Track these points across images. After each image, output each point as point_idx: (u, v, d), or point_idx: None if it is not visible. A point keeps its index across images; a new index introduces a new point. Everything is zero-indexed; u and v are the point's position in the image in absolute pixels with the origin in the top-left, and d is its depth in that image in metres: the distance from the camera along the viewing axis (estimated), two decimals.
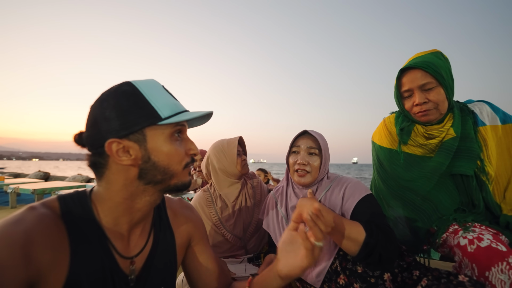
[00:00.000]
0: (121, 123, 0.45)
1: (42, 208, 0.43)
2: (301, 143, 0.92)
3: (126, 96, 0.46)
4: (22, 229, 0.38)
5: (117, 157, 0.45)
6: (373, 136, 1.16)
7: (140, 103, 0.46)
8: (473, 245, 0.72)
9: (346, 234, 0.69)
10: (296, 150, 0.93)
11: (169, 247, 0.59)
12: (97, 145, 0.46)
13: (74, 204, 0.47)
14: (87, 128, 0.47)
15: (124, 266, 0.50)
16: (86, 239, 0.46)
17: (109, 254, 0.48)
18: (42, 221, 0.41)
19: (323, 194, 0.88)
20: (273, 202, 1.03)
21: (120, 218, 0.49)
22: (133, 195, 0.49)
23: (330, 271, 0.78)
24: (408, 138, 0.99)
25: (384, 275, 0.73)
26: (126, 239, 0.51)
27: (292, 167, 0.93)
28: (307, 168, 0.89)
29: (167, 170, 0.49)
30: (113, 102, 0.46)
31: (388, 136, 1.07)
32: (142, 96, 0.47)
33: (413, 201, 0.95)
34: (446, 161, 0.90)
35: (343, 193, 0.84)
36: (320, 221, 0.58)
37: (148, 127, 0.47)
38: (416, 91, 0.91)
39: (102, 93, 0.48)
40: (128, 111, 0.45)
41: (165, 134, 0.48)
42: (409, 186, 0.97)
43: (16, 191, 3.66)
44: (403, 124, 1.00)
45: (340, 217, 0.71)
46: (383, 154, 1.07)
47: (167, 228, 0.61)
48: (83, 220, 0.46)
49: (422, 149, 0.98)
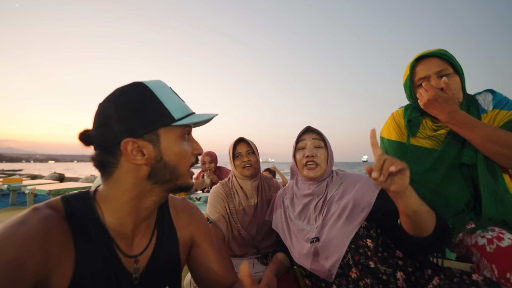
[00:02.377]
0: (137, 123, 0.46)
1: (46, 209, 0.43)
2: (306, 138, 0.94)
3: (140, 97, 0.47)
4: (27, 229, 0.38)
5: (131, 156, 0.46)
6: (382, 131, 1.14)
7: (154, 104, 0.47)
8: (492, 245, 0.69)
9: (422, 204, 0.62)
10: (302, 145, 0.94)
11: (173, 245, 0.60)
12: (110, 144, 0.46)
13: (77, 205, 0.48)
14: (98, 127, 0.47)
15: (128, 264, 0.50)
16: (90, 239, 0.46)
17: (113, 253, 0.48)
18: (46, 222, 0.41)
19: (335, 190, 0.88)
20: (281, 202, 1.03)
21: (126, 218, 0.50)
22: (140, 195, 0.49)
23: (342, 264, 0.77)
24: (417, 129, 0.97)
25: (397, 273, 0.72)
26: (130, 238, 0.52)
27: (300, 162, 0.93)
28: (316, 160, 0.89)
29: (175, 170, 0.51)
30: (128, 102, 0.46)
31: (396, 129, 1.05)
32: (156, 97, 0.48)
33: (423, 195, 0.92)
34: (452, 151, 0.88)
35: (356, 188, 0.84)
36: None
37: (162, 128, 0.48)
38: (433, 76, 0.89)
39: (114, 92, 0.48)
40: (143, 112, 0.46)
41: (176, 135, 0.50)
42: (418, 180, 0.94)
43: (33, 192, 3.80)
44: (412, 115, 0.98)
45: None
46: (392, 148, 1.05)
47: (170, 227, 0.61)
48: (87, 220, 0.47)
49: (431, 140, 0.95)
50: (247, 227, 1.19)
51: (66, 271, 0.41)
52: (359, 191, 0.83)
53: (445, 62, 0.87)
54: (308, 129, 0.96)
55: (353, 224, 0.79)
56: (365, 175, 0.88)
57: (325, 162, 0.91)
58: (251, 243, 1.18)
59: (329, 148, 0.92)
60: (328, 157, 0.91)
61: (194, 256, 0.66)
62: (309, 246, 0.84)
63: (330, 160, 0.92)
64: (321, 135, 0.94)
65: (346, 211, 0.81)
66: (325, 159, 0.90)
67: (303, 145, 0.93)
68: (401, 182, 0.58)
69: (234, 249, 1.19)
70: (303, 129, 0.96)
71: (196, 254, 0.65)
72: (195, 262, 0.66)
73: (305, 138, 0.94)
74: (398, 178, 0.58)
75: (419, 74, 0.92)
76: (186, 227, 0.64)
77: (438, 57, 0.88)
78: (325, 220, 0.84)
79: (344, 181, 0.90)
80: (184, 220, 0.65)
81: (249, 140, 1.25)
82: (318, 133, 0.94)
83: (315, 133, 0.94)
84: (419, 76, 0.92)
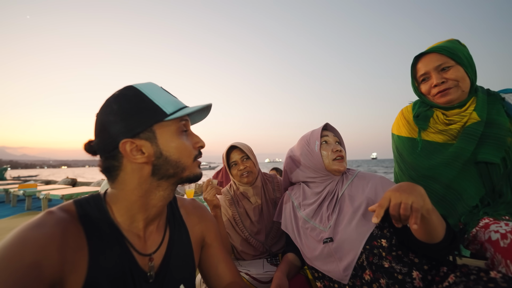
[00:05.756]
0: (130, 123, 0.47)
1: (60, 212, 0.45)
2: (328, 134, 0.97)
3: (129, 97, 0.49)
4: (43, 232, 0.39)
5: (131, 156, 0.47)
6: (392, 127, 1.13)
7: (144, 103, 0.49)
8: (506, 240, 0.67)
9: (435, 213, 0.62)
10: (326, 140, 0.96)
11: (185, 243, 0.61)
12: (110, 148, 0.48)
13: (90, 207, 0.49)
14: (97, 135, 0.49)
15: (142, 263, 0.51)
16: (104, 239, 0.47)
17: (128, 252, 0.49)
18: (61, 224, 0.42)
19: (346, 188, 0.88)
20: (290, 201, 1.02)
21: (136, 216, 0.52)
22: (147, 192, 0.51)
23: (356, 266, 0.76)
24: (426, 123, 0.96)
25: (412, 272, 0.70)
26: (142, 237, 0.53)
27: (327, 157, 0.92)
28: (343, 154, 0.93)
29: (178, 164, 0.52)
30: (119, 105, 0.48)
31: (406, 125, 1.04)
32: (145, 96, 0.49)
33: (435, 190, 0.91)
34: (469, 146, 0.86)
35: (369, 187, 0.84)
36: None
37: (156, 124, 0.49)
38: (433, 72, 0.90)
39: (107, 99, 0.50)
40: (135, 111, 0.48)
41: (172, 130, 0.51)
42: (430, 175, 0.93)
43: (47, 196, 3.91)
44: (419, 110, 0.98)
45: None
46: (402, 144, 1.04)
47: (182, 225, 0.62)
48: (100, 222, 0.48)
49: (443, 135, 0.93)
50: (256, 234, 1.17)
51: (80, 272, 0.43)
52: (372, 190, 0.83)
53: (444, 56, 0.88)
54: (327, 125, 1.00)
55: (367, 224, 0.78)
56: (376, 174, 0.87)
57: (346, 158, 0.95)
58: (262, 249, 1.17)
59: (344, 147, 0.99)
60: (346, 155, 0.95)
61: (204, 256, 0.67)
62: (322, 246, 0.83)
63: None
64: (337, 133, 0.99)
65: (360, 210, 0.80)
66: (345, 155, 0.95)
67: (327, 140, 0.96)
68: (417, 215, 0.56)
69: (245, 257, 1.17)
70: (323, 125, 0.99)
71: (207, 255, 0.66)
72: (205, 262, 0.66)
73: (327, 134, 0.97)
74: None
75: (419, 71, 0.94)
76: (197, 227, 0.65)
77: (436, 52, 0.89)
78: (339, 220, 0.84)
79: (355, 179, 0.90)
80: (195, 219, 0.66)
81: (242, 145, 1.20)
82: (335, 130, 0.99)
83: (332, 132, 0.99)
84: (420, 73, 0.94)
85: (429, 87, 0.92)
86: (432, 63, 0.90)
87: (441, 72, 0.89)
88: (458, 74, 0.87)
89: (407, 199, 0.56)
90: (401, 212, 0.57)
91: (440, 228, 0.63)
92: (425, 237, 0.65)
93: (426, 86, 0.94)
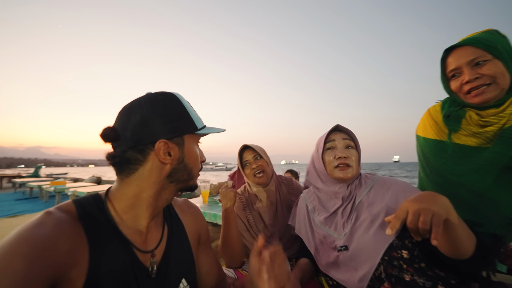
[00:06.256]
0: (171, 127, 0.52)
1: (58, 212, 0.45)
2: (335, 138, 0.89)
3: (174, 105, 0.54)
4: (42, 232, 0.40)
5: (162, 156, 0.51)
6: (417, 129, 1.03)
7: (183, 113, 0.55)
8: None
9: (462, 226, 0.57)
10: (331, 146, 0.89)
11: (183, 239, 0.64)
12: (144, 142, 0.50)
13: (90, 206, 0.50)
14: (134, 125, 0.50)
15: (144, 259, 0.53)
16: (104, 238, 0.48)
17: (129, 250, 0.50)
18: (59, 224, 0.43)
19: (364, 194, 0.82)
20: (304, 205, 0.98)
21: (142, 214, 0.53)
22: (158, 192, 0.54)
23: (373, 277, 0.71)
24: (458, 125, 0.85)
25: (437, 287, 0.64)
26: (144, 234, 0.55)
27: (330, 164, 0.88)
28: (348, 162, 0.85)
29: (191, 172, 0.57)
30: (165, 108, 0.53)
31: (433, 126, 0.94)
32: (184, 107, 0.56)
33: (465, 199, 0.82)
34: (507, 151, 0.76)
35: (390, 194, 0.77)
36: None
37: (187, 134, 0.55)
38: (465, 68, 0.79)
39: (148, 97, 0.54)
40: (176, 118, 0.54)
41: (195, 142, 0.58)
42: (460, 182, 0.84)
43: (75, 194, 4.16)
44: (450, 109, 0.88)
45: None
46: (428, 147, 0.95)
47: (179, 223, 0.66)
48: (100, 220, 0.49)
49: (477, 138, 0.83)
50: (269, 238, 1.15)
51: (81, 271, 0.43)
52: (392, 197, 0.77)
53: (480, 49, 0.77)
54: (337, 128, 0.91)
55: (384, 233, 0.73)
56: (398, 179, 0.81)
57: (357, 163, 0.86)
58: None
59: (359, 149, 0.88)
60: (359, 159, 0.87)
61: (197, 253, 0.69)
62: (336, 254, 0.79)
63: (360, 162, 0.87)
64: (351, 134, 0.88)
65: (379, 219, 0.75)
66: (356, 160, 0.86)
67: (333, 145, 0.89)
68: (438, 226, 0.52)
69: None
70: (331, 128, 0.91)
71: (199, 252, 0.70)
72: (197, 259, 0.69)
73: (334, 138, 0.89)
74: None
75: (450, 66, 0.84)
76: (192, 224, 0.68)
77: (470, 45, 0.78)
78: (354, 227, 0.79)
79: (375, 185, 0.83)
80: (190, 217, 0.69)
81: (254, 145, 1.20)
82: (348, 132, 0.89)
83: (345, 133, 0.89)
84: (450, 68, 0.84)
85: (460, 84, 0.82)
86: (464, 57, 0.79)
87: (475, 68, 0.78)
88: (496, 69, 0.76)
89: (427, 212, 0.52)
90: (419, 226, 0.53)
91: (469, 243, 0.58)
92: (451, 252, 0.60)
93: (456, 83, 0.83)
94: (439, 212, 0.52)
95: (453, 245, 0.58)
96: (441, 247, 0.61)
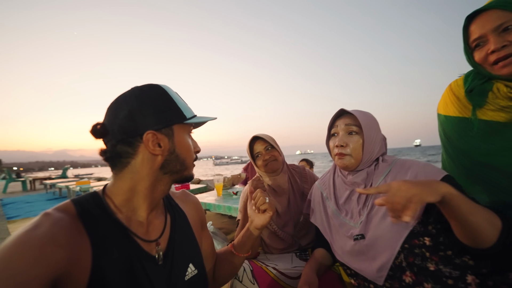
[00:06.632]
0: (158, 118, 0.52)
1: (56, 212, 0.46)
2: (339, 123, 0.83)
3: (160, 96, 0.54)
4: (39, 232, 0.41)
5: (151, 147, 0.52)
6: (438, 106, 0.94)
7: (171, 104, 0.55)
8: None
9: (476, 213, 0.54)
10: (334, 132, 0.84)
11: (186, 226, 0.66)
12: (132, 134, 0.51)
13: (88, 204, 0.51)
14: (121, 119, 0.51)
15: (149, 249, 0.54)
16: (105, 232, 0.49)
17: (132, 242, 0.51)
18: (57, 224, 0.43)
19: (382, 180, 0.76)
20: (319, 193, 0.95)
21: (140, 206, 0.55)
22: (153, 184, 0.55)
23: (393, 266, 0.67)
24: (484, 99, 0.76)
25: (466, 276, 0.59)
26: (145, 225, 0.56)
27: (332, 151, 0.84)
28: (345, 151, 0.79)
29: (184, 162, 0.57)
30: (151, 100, 0.53)
31: (455, 102, 0.85)
32: (171, 98, 0.56)
33: (495, 181, 0.74)
34: None
35: (409, 176, 0.71)
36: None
37: (176, 124, 0.55)
38: (491, 35, 0.69)
39: (134, 90, 0.54)
40: (163, 109, 0.54)
41: (185, 132, 0.58)
42: (488, 162, 0.75)
43: None
44: (474, 82, 0.78)
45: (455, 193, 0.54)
46: (450, 126, 0.86)
47: (180, 211, 0.67)
48: (100, 216, 0.50)
49: (506, 113, 0.73)
50: (283, 226, 1.14)
51: (84, 268, 0.44)
52: (411, 179, 0.70)
53: (509, 11, 0.66)
54: (341, 112, 0.84)
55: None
56: (419, 161, 0.74)
57: (359, 151, 0.78)
58: (291, 241, 1.13)
59: (367, 133, 0.78)
60: (364, 145, 0.78)
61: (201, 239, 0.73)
62: (352, 243, 0.75)
63: (367, 147, 0.78)
64: (357, 119, 0.80)
65: None
66: (358, 147, 0.78)
67: (336, 131, 0.83)
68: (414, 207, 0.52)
69: (273, 250, 1.14)
70: (335, 113, 0.85)
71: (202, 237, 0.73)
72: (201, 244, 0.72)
73: (337, 124, 0.83)
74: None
75: (473, 35, 0.73)
76: (194, 213, 0.71)
77: (497, 9, 0.68)
78: (371, 215, 0.75)
79: (392, 169, 0.76)
80: (191, 205, 0.72)
81: (264, 135, 1.17)
82: (353, 117, 0.80)
83: (349, 118, 0.81)
84: (473, 37, 0.73)
85: (485, 54, 0.72)
86: (489, 22, 0.69)
87: (503, 34, 0.68)
88: None
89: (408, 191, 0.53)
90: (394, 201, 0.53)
91: (488, 231, 0.54)
92: (468, 241, 0.57)
93: (481, 53, 0.73)
94: (423, 194, 0.52)
95: (469, 234, 0.56)
96: (458, 234, 0.58)
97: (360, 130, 0.79)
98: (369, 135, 0.78)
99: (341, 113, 0.84)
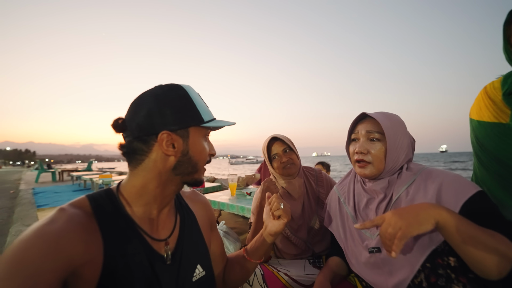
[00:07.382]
0: (174, 119, 0.53)
1: (71, 208, 0.47)
2: (360, 129, 0.77)
3: (180, 97, 0.54)
4: (55, 228, 0.42)
5: (165, 147, 0.52)
6: (470, 111, 0.88)
7: (190, 105, 0.55)
8: None
9: (478, 244, 0.51)
10: (355, 137, 0.79)
11: (194, 227, 0.66)
12: (148, 132, 0.52)
13: (103, 200, 0.52)
14: (139, 116, 0.52)
15: (158, 248, 0.55)
16: (117, 229, 0.50)
17: (142, 240, 0.52)
18: (72, 219, 0.45)
19: (403, 190, 0.70)
20: (337, 198, 0.91)
21: (151, 204, 0.55)
22: (163, 183, 0.55)
23: (411, 285, 0.63)
24: None
25: None
26: (156, 224, 0.57)
27: (352, 157, 0.80)
28: (367, 158, 0.74)
29: (196, 165, 0.57)
30: (169, 99, 0.53)
31: (490, 106, 0.79)
32: (191, 99, 0.55)
33: None
34: None
35: (437, 190, 0.64)
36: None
37: (192, 127, 0.55)
38: None
39: (155, 89, 0.54)
40: (181, 111, 0.53)
41: (201, 135, 0.58)
42: None
43: None
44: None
45: (466, 222, 0.53)
46: (484, 132, 0.80)
47: (189, 211, 0.67)
48: (113, 213, 0.51)
49: None
50: (296, 231, 1.10)
51: (96, 263, 0.45)
52: (439, 193, 0.64)
53: None
54: (363, 116, 0.78)
55: (429, 236, 0.62)
56: (449, 172, 0.67)
57: (381, 159, 0.72)
58: (304, 247, 1.09)
59: (390, 140, 0.72)
60: (388, 153, 0.72)
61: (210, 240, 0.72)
62: (368, 255, 0.71)
63: (390, 155, 0.72)
64: (379, 124, 0.74)
65: None
66: (380, 155, 0.72)
67: (357, 137, 0.78)
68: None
69: (286, 256, 1.11)
70: (357, 117, 0.79)
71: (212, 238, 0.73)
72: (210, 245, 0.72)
73: (358, 130, 0.78)
74: None
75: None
76: (204, 213, 0.71)
77: None
78: None
79: (417, 178, 0.70)
80: (201, 206, 0.72)
81: (283, 137, 1.13)
82: (376, 122, 0.74)
83: (371, 123, 0.75)
84: None
85: None
86: None
87: None
88: None
89: (395, 226, 0.54)
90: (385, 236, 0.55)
91: (493, 262, 0.51)
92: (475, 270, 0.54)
93: None
94: (408, 228, 0.52)
95: (469, 263, 0.54)
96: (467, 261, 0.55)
97: (383, 137, 0.73)
98: (393, 142, 0.72)
99: (363, 116, 0.79)
